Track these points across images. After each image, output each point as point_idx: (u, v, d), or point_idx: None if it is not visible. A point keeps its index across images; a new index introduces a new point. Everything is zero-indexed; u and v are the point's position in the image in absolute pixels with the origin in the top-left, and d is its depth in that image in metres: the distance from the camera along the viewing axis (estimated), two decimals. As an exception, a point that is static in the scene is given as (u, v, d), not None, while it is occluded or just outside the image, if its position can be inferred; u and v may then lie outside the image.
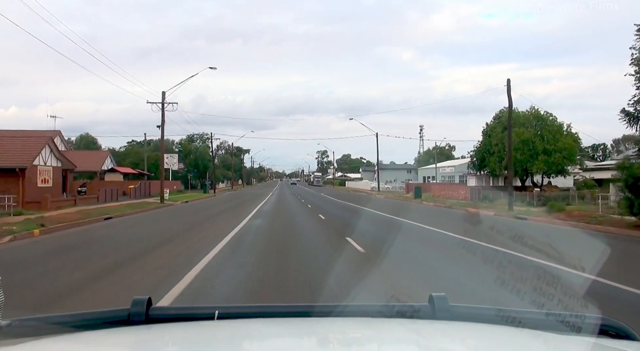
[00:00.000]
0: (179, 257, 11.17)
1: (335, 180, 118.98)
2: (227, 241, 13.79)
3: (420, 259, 11.16)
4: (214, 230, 17.68)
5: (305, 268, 9.86)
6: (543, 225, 19.48)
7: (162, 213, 28.46)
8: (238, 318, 1.55)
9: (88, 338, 1.39)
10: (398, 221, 21.51)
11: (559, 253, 3.17)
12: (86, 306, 6.44)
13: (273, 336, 1.48)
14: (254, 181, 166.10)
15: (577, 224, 18.46)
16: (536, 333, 1.40)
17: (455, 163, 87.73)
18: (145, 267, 9.90)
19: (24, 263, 11.01)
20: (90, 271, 9.46)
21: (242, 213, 25.88)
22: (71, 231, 17.71)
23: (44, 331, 1.39)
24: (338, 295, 6.81)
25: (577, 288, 2.02)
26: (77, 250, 13.13)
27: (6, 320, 1.40)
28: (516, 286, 1.84)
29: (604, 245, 9.15)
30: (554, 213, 23.00)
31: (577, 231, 16.38)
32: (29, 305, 6.64)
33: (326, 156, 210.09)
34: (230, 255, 11.36)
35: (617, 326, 1.45)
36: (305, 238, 15.65)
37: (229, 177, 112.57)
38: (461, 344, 1.44)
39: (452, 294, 1.64)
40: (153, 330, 1.44)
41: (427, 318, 1.48)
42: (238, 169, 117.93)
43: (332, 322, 1.57)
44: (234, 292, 7.67)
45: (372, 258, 10.53)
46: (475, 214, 25.78)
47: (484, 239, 10.61)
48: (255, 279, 8.71)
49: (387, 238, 13.83)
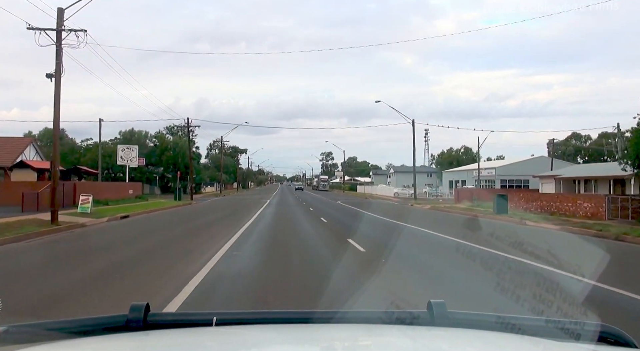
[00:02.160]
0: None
1: (344, 184, 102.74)
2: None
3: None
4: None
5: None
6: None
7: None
8: (236, 324, 1.53)
9: (85, 344, 1.38)
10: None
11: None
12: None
13: (271, 343, 1.45)
14: (252, 185, 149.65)
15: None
16: (535, 340, 1.38)
17: (496, 165, 71.88)
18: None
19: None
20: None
21: (191, 260, 10.26)
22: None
23: (41, 338, 1.36)
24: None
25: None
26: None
27: (3, 326, 1.37)
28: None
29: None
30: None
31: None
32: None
33: (331, 159, 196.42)
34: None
35: (616, 333, 1.43)
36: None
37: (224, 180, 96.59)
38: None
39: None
40: (151, 336, 1.42)
41: (426, 325, 1.46)
42: (233, 170, 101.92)
43: (331, 329, 1.55)
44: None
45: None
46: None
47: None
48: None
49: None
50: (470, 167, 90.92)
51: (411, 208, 36.41)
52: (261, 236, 16.38)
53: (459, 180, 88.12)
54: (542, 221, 22.41)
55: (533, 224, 22.00)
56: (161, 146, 61.75)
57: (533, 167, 71.12)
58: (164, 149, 61.33)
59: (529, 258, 6.12)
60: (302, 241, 15.34)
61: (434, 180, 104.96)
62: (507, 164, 73.46)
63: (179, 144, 62.08)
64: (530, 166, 72.36)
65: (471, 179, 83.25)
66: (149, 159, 61.97)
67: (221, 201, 46.25)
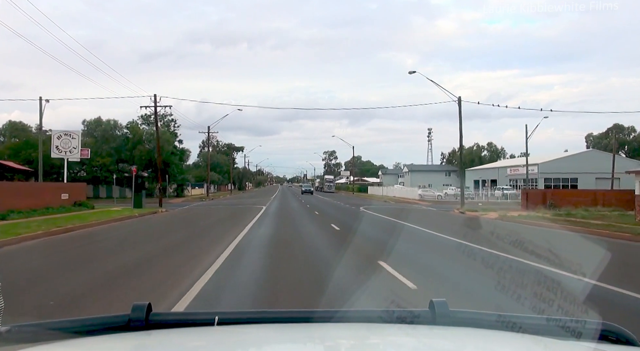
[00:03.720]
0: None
1: (352, 185, 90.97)
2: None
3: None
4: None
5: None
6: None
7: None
8: (238, 324, 1.51)
9: (87, 344, 1.36)
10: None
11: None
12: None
13: (273, 342, 1.45)
14: (249, 186, 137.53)
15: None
16: (537, 339, 1.37)
17: (537, 160, 60.25)
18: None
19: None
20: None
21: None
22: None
23: (43, 337, 1.34)
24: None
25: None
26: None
27: (5, 325, 1.35)
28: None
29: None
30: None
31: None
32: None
33: (334, 158, 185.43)
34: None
35: (618, 331, 1.42)
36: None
37: (216, 180, 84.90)
38: (461, 350, 1.41)
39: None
40: (153, 335, 1.41)
41: (428, 324, 1.44)
42: (227, 170, 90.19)
43: (333, 328, 1.52)
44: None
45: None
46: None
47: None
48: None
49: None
50: (501, 165, 78.84)
51: (473, 219, 24.75)
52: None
53: (486, 179, 76.33)
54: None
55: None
56: (133, 139, 50.13)
57: (581, 164, 59.69)
58: (137, 143, 49.75)
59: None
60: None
61: (452, 179, 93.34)
62: (550, 160, 61.76)
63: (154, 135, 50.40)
64: (577, 162, 60.68)
65: (504, 178, 71.54)
66: (119, 155, 50.41)
67: (201, 209, 34.56)
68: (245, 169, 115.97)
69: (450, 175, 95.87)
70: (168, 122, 53.68)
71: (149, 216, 25.90)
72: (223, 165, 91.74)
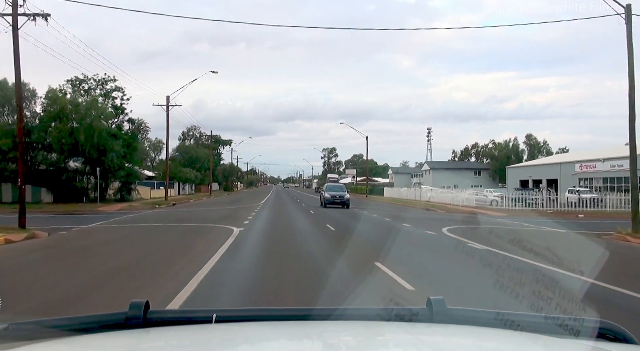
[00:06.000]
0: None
1: (366, 186, 73.94)
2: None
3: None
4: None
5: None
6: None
7: None
8: (235, 321, 1.51)
9: (85, 341, 1.36)
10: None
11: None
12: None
13: (270, 340, 1.44)
14: (240, 186, 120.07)
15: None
16: (535, 337, 1.36)
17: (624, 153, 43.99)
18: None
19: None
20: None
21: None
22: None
23: (41, 335, 1.34)
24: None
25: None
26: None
27: (2, 323, 1.34)
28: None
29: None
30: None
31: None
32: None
33: (334, 156, 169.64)
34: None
35: (616, 329, 1.41)
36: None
37: (191, 179, 67.82)
38: (459, 347, 1.40)
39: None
40: (151, 333, 1.41)
41: (426, 321, 1.44)
42: (207, 168, 73.06)
43: (331, 325, 1.52)
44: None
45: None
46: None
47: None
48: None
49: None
50: (563, 159, 61.84)
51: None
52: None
53: (539, 179, 59.93)
54: None
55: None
56: (54, 112, 33.04)
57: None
58: (58, 116, 32.73)
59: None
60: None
61: (483, 179, 76.79)
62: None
63: (89, 109, 33.20)
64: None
65: (569, 177, 54.96)
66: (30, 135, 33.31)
67: (96, 236, 17.63)
68: (232, 166, 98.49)
69: (480, 174, 79.39)
70: (109, 92, 36.62)
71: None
72: (204, 160, 74.75)
